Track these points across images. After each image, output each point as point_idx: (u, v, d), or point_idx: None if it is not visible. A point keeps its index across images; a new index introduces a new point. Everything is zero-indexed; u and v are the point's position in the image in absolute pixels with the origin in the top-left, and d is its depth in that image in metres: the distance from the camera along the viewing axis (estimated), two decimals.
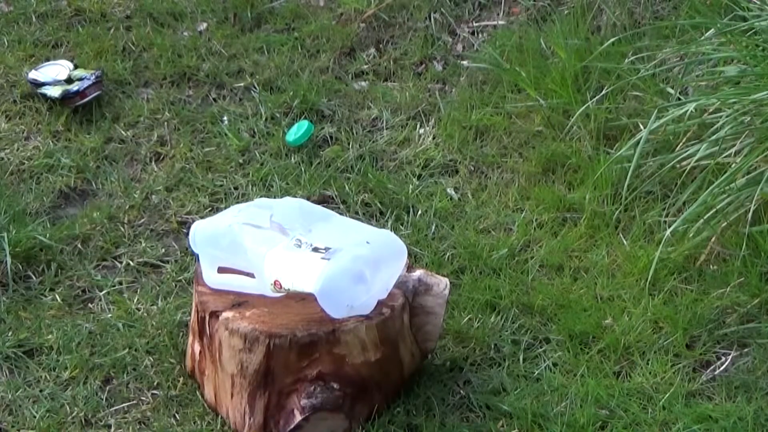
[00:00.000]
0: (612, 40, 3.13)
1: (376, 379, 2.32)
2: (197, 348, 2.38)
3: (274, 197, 2.92)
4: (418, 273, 2.37)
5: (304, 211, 2.40)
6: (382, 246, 2.32)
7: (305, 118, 3.20)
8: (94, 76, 3.22)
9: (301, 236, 2.30)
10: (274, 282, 2.26)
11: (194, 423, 2.37)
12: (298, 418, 2.26)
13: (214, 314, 2.29)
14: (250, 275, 2.30)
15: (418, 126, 3.22)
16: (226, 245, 2.31)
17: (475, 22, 3.57)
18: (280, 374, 2.25)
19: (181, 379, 2.45)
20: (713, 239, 2.70)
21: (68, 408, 2.40)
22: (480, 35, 3.53)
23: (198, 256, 2.37)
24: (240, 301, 2.31)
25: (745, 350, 2.53)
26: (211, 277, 2.34)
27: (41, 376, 2.47)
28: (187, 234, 2.41)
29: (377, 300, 2.27)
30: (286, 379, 2.26)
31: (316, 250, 2.26)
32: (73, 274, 2.72)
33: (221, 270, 2.34)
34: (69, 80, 3.21)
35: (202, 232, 2.36)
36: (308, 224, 2.34)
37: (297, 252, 2.27)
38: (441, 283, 2.37)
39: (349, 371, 2.28)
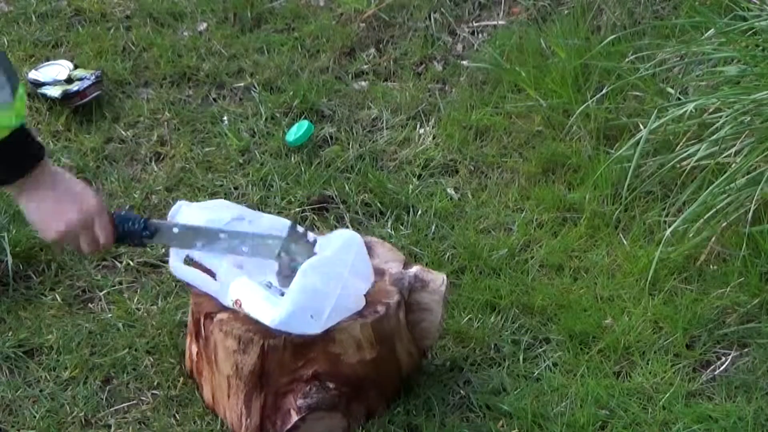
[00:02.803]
0: (611, 38, 3.13)
1: (373, 378, 2.32)
2: (194, 349, 2.38)
3: (274, 197, 2.93)
4: (414, 269, 2.36)
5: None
6: (332, 248, 2.28)
7: (305, 118, 3.20)
8: (94, 76, 3.21)
9: (271, 279, 2.30)
10: (236, 300, 2.26)
11: (194, 423, 2.37)
12: (295, 418, 2.26)
13: (209, 316, 2.29)
14: (212, 274, 2.30)
15: (418, 126, 3.22)
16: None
17: (475, 22, 3.57)
18: (276, 375, 2.25)
19: (181, 379, 2.45)
20: (713, 239, 2.70)
21: (68, 408, 2.40)
22: (480, 35, 3.53)
23: None
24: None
25: (745, 350, 2.53)
26: (175, 265, 2.33)
27: (41, 376, 2.47)
28: None
29: (364, 291, 2.28)
30: (282, 380, 2.26)
31: (284, 294, 2.27)
32: (73, 274, 2.72)
33: (189, 261, 2.33)
34: (69, 80, 3.22)
35: (188, 220, 2.32)
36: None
37: (264, 290, 2.27)
38: (438, 279, 2.36)
39: (344, 370, 2.27)
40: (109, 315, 2.61)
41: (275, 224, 2.34)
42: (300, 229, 2.29)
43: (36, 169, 2.01)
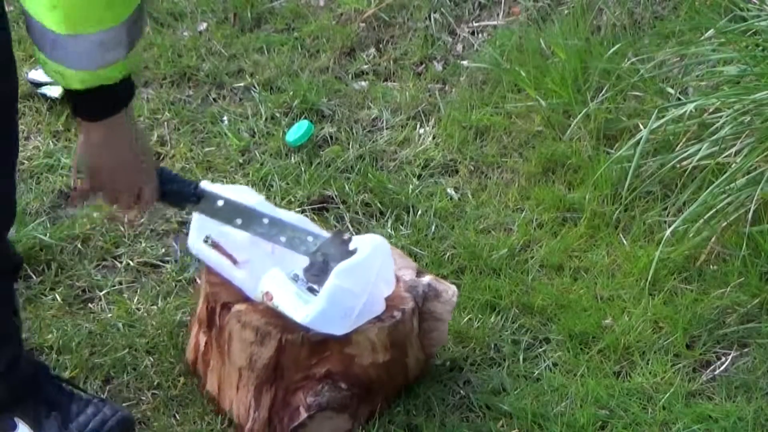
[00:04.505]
0: (611, 37, 3.13)
1: (382, 381, 2.32)
2: (203, 339, 2.37)
3: (274, 197, 2.93)
4: (427, 279, 2.37)
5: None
6: (364, 252, 2.28)
7: (305, 118, 3.20)
8: None
9: (299, 272, 2.30)
10: (266, 293, 2.25)
11: (194, 423, 2.37)
12: (304, 415, 2.26)
13: (226, 306, 2.28)
14: (234, 261, 2.30)
15: (418, 126, 3.22)
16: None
17: (475, 22, 3.57)
18: (289, 370, 2.24)
19: (181, 379, 2.45)
20: (713, 239, 2.70)
21: None
22: (480, 35, 3.53)
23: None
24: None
25: (745, 350, 2.54)
26: (196, 244, 2.32)
27: None
28: (188, 234, 2.39)
29: (386, 295, 2.28)
30: (295, 376, 2.25)
31: (311, 290, 2.27)
32: (73, 274, 2.72)
33: (209, 242, 2.32)
34: None
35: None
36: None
37: (293, 283, 2.28)
38: (449, 290, 2.38)
39: (357, 372, 2.27)
40: (109, 315, 2.61)
41: (291, 218, 2.35)
42: (346, 236, 2.29)
43: (120, 112, 1.99)
